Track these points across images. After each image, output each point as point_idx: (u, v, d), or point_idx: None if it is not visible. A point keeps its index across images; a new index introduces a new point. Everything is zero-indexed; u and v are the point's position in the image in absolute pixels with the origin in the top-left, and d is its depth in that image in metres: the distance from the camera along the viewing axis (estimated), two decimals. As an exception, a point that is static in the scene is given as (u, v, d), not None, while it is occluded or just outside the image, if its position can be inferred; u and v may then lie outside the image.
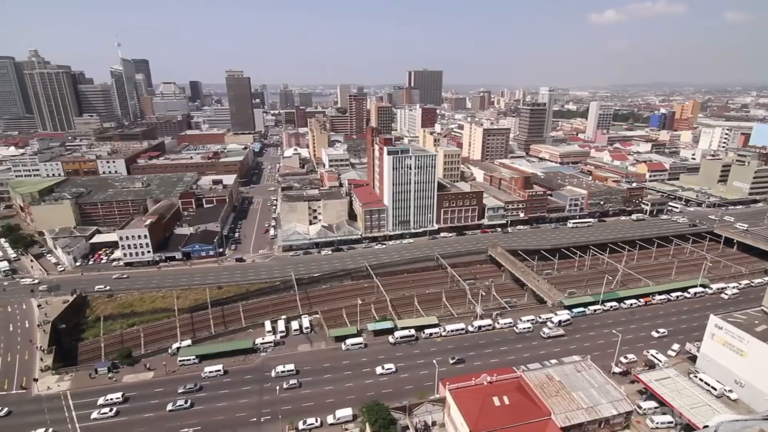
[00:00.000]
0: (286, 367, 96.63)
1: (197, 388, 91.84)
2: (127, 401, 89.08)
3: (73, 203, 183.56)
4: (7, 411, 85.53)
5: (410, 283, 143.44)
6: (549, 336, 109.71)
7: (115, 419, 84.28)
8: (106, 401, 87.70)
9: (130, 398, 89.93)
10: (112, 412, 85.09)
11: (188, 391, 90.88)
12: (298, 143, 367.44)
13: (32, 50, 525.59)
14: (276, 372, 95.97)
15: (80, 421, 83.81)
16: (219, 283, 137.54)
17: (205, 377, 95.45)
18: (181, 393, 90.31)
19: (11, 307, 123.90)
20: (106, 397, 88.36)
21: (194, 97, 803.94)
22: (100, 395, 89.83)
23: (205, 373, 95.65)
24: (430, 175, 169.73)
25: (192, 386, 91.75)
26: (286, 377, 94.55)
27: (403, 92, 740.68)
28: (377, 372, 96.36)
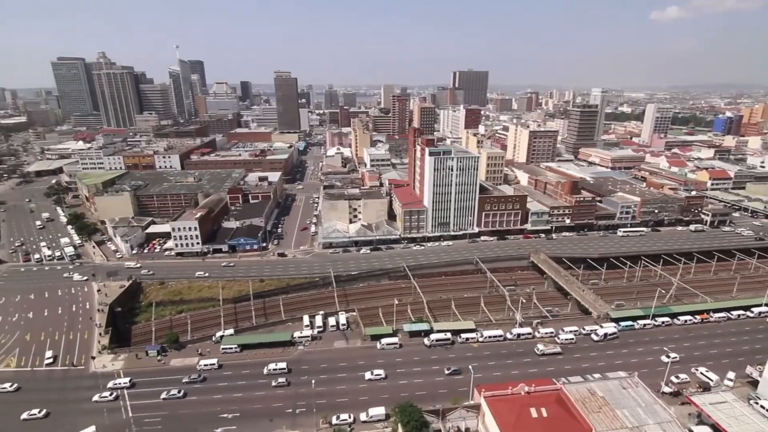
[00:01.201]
0: (278, 366, 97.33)
1: (201, 378, 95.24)
2: (132, 387, 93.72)
3: (131, 195, 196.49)
4: (65, 386, 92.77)
5: (448, 286, 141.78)
6: (543, 353, 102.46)
7: (158, 400, 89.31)
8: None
9: (177, 381, 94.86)
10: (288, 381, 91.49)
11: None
12: (341, 143, 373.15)
13: (100, 52, 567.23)
14: (268, 369, 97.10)
15: (130, 399, 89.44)
16: (261, 276, 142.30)
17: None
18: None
19: (75, 289, 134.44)
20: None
21: (244, 96, 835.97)
22: (149, 376, 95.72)
23: (201, 366, 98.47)
24: (472, 177, 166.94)
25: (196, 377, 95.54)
26: (275, 375, 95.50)
27: (447, 93, 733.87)
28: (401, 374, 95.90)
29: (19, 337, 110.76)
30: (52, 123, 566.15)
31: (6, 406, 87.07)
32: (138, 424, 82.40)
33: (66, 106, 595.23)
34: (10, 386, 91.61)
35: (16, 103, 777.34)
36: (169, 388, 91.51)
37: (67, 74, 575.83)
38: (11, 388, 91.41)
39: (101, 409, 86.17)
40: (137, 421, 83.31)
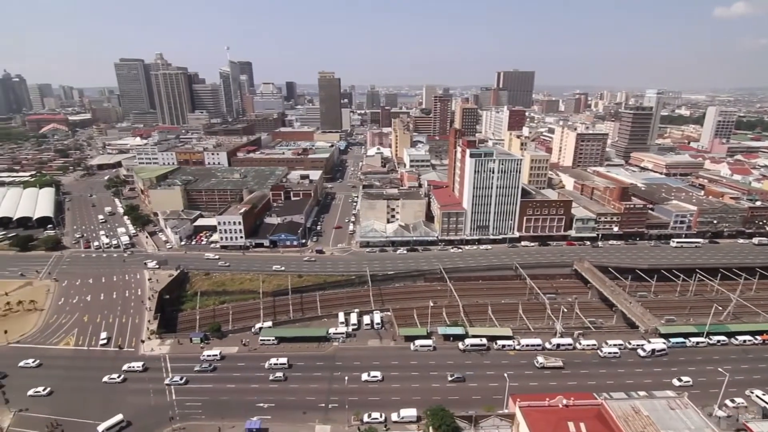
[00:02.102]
0: (279, 360, 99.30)
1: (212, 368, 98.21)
2: (215, 370, 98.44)
3: (182, 189, 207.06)
4: (115, 365, 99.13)
5: (485, 291, 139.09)
6: (543, 366, 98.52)
7: (202, 385, 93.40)
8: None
9: (217, 368, 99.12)
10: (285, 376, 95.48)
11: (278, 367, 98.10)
12: (381, 143, 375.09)
13: (158, 54, 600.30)
14: (269, 364, 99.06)
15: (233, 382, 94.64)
16: (300, 271, 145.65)
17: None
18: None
19: (128, 276, 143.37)
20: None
21: (289, 96, 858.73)
22: (192, 362, 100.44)
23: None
24: (514, 180, 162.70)
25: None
26: (276, 369, 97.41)
27: (491, 93, 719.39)
28: (448, 378, 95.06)
29: (78, 318, 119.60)
30: (114, 120, 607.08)
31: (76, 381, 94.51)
32: (180, 407, 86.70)
33: (126, 104, 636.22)
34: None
35: (83, 101, 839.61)
36: (173, 375, 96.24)
37: (128, 74, 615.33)
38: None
39: (147, 390, 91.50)
40: (180, 404, 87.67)
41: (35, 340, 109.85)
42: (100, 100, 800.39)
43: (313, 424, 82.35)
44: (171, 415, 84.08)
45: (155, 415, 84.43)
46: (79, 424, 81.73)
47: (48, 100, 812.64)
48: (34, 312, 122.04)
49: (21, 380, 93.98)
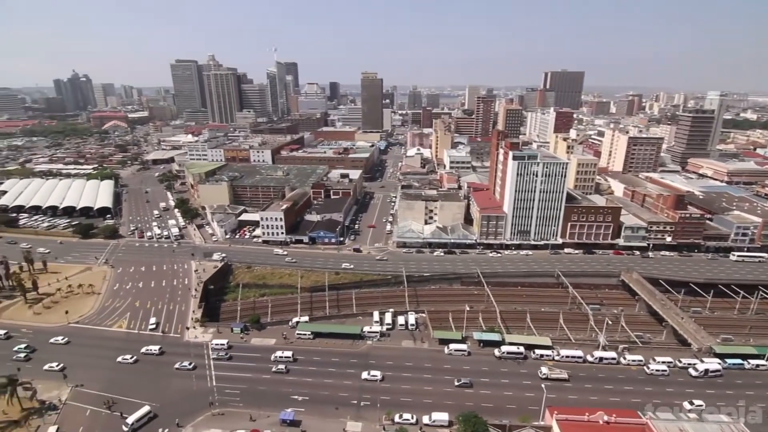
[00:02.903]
0: (284, 354, 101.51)
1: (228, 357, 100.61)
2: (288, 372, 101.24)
3: (228, 185, 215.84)
4: (159, 350, 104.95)
5: (524, 298, 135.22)
6: (547, 377, 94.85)
7: (240, 374, 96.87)
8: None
9: (255, 359, 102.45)
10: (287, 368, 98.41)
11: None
12: (421, 143, 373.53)
13: (210, 55, 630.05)
14: (275, 356, 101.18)
15: (216, 370, 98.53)
16: (337, 269, 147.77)
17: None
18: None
19: (177, 265, 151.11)
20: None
21: (332, 96, 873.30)
22: (232, 351, 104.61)
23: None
24: (559, 184, 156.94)
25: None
26: (281, 362, 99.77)
27: (537, 94, 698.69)
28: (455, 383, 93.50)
29: (131, 303, 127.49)
30: (168, 118, 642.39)
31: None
32: (220, 393, 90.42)
33: (180, 103, 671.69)
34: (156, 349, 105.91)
35: (141, 100, 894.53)
36: (181, 360, 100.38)
37: (182, 75, 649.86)
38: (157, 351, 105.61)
39: (190, 375, 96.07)
40: (219, 390, 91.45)
41: (92, 321, 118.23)
42: (156, 99, 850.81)
43: (344, 420, 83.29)
44: (211, 400, 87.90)
45: (196, 399, 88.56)
46: (128, 402, 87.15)
47: (110, 99, 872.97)
48: (92, 295, 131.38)
49: (71, 357, 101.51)
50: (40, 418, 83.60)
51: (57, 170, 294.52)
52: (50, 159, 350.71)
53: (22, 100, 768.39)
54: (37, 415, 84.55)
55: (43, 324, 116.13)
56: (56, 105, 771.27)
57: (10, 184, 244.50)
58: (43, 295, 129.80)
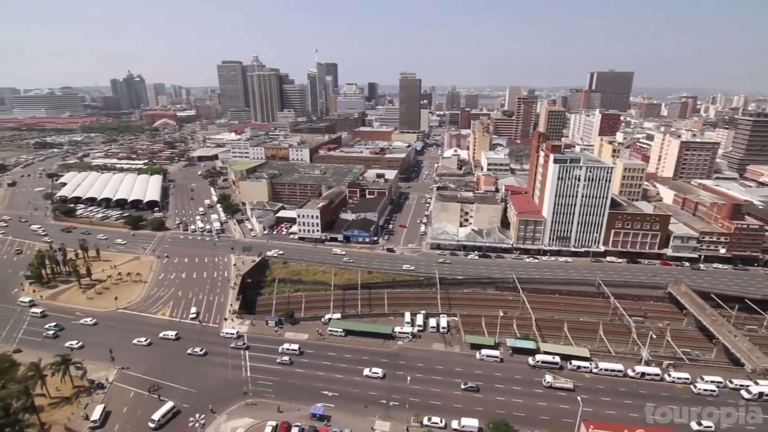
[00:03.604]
0: (291, 346, 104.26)
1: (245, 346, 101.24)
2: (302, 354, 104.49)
3: (268, 182, 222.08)
4: (201, 339, 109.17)
5: (561, 306, 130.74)
6: (551, 385, 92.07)
7: (273, 366, 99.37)
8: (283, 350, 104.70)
9: (270, 350, 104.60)
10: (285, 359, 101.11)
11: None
12: (458, 144, 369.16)
13: (254, 56, 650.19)
14: (282, 348, 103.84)
15: (251, 361, 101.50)
16: (370, 268, 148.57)
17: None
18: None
19: (217, 258, 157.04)
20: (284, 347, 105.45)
21: (370, 96, 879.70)
22: (267, 343, 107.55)
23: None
24: (603, 189, 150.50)
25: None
26: (286, 353, 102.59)
27: (581, 95, 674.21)
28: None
29: (174, 292, 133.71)
30: (213, 116, 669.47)
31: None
32: (254, 384, 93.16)
33: (225, 102, 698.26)
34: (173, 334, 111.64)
35: (189, 99, 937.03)
36: (193, 347, 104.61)
37: (227, 75, 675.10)
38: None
39: (227, 364, 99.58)
40: (253, 381, 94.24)
41: (138, 308, 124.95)
42: (203, 99, 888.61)
43: (373, 419, 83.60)
44: (245, 390, 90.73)
45: (232, 388, 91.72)
46: (169, 387, 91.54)
47: (161, 98, 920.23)
48: (139, 283, 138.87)
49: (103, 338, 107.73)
50: (89, 397, 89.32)
51: (111, 164, 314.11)
52: (106, 154, 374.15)
53: (82, 99, 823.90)
54: (86, 393, 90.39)
55: (94, 308, 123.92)
56: (112, 103, 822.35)
57: (70, 176, 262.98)
58: (96, 282, 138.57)
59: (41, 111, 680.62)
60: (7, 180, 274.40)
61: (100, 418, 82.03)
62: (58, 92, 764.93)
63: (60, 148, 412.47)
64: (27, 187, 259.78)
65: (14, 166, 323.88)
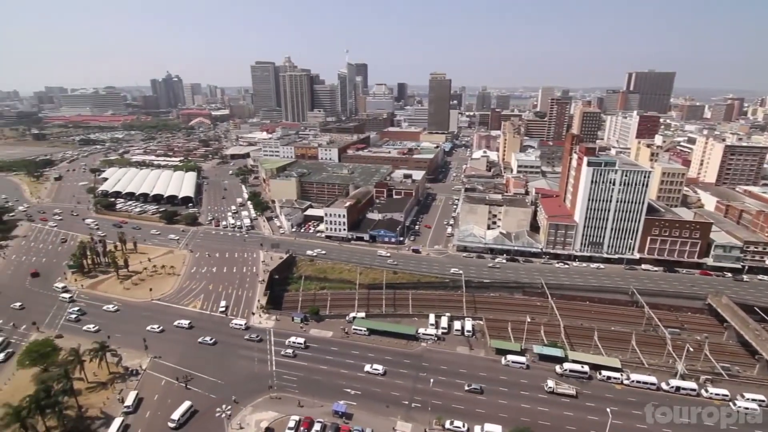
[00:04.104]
0: (297, 339, 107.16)
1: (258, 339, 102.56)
2: (307, 348, 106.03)
3: (297, 181, 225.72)
4: (231, 331, 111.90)
5: (592, 314, 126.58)
6: (553, 391, 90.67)
7: (293, 361, 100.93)
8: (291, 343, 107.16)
9: (310, 347, 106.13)
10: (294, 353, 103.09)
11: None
12: (488, 146, 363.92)
13: (286, 57, 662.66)
14: (288, 341, 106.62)
15: (275, 356, 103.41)
16: (395, 268, 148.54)
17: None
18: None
19: (246, 254, 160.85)
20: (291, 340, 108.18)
21: (400, 97, 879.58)
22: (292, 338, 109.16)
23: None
24: (639, 194, 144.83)
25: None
26: (291, 347, 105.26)
27: (618, 96, 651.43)
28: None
29: (205, 285, 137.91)
30: (246, 116, 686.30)
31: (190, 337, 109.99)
32: (279, 378, 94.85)
33: (257, 102, 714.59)
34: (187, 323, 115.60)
35: (223, 99, 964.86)
36: (204, 335, 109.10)
37: (260, 76, 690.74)
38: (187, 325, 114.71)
39: (253, 357, 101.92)
40: (278, 375, 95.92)
41: (171, 299, 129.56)
42: (237, 98, 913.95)
43: (395, 419, 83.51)
44: (270, 383, 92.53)
45: (257, 381, 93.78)
46: (198, 378, 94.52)
47: (197, 98, 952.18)
48: (172, 276, 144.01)
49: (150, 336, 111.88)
50: (123, 383, 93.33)
51: (149, 161, 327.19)
52: (144, 151, 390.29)
53: (123, 98, 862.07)
54: (121, 379, 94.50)
55: (130, 298, 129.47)
56: (151, 102, 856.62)
57: (111, 172, 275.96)
58: (132, 273, 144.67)
59: (86, 109, 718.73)
60: (54, 174, 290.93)
61: (133, 403, 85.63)
62: (102, 92, 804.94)
63: (102, 145, 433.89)
64: (72, 182, 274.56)
65: (60, 161, 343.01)
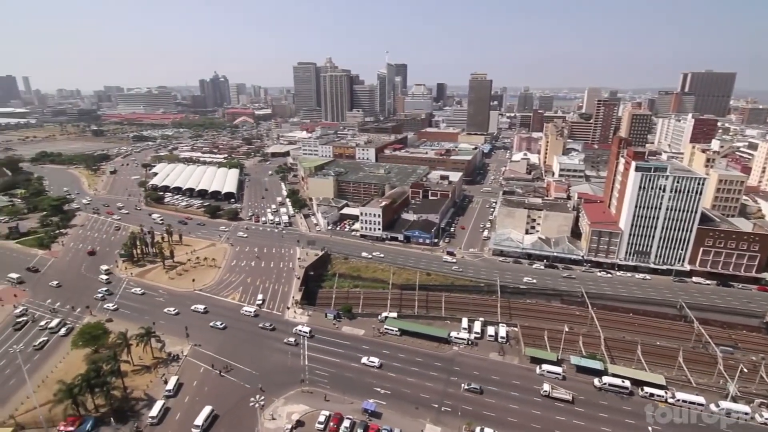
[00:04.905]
0: (303, 328, 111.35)
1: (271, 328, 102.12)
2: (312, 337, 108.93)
3: (334, 180, 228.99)
4: (271, 326, 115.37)
5: (635, 327, 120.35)
6: (549, 395, 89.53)
7: (325, 357, 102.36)
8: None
9: (345, 346, 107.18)
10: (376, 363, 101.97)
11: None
12: (528, 148, 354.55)
13: (328, 57, 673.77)
14: (296, 329, 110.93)
15: (309, 350, 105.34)
16: (428, 270, 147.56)
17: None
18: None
19: (284, 250, 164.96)
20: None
21: (438, 97, 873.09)
22: (325, 335, 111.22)
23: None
24: (692, 202, 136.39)
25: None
26: (299, 335, 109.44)
27: (672, 98, 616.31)
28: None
29: (243, 278, 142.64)
30: (287, 115, 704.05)
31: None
32: (311, 372, 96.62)
33: (298, 102, 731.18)
34: (253, 313, 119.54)
35: (266, 99, 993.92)
36: (215, 321, 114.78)
37: (302, 76, 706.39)
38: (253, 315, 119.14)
39: (287, 350, 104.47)
40: (311, 370, 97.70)
41: (212, 290, 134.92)
42: (279, 98, 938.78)
43: (424, 422, 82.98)
44: (302, 377, 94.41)
45: (290, 374, 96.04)
46: (235, 368, 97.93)
47: (242, 97, 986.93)
48: (214, 268, 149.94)
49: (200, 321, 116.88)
50: (165, 368, 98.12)
51: (196, 158, 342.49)
52: (191, 148, 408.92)
53: (174, 97, 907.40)
54: (164, 364, 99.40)
55: (174, 288, 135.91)
56: (199, 102, 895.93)
57: (161, 167, 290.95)
58: (177, 264, 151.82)
59: (140, 107, 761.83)
60: (110, 168, 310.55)
61: (173, 387, 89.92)
62: (155, 91, 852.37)
63: (153, 141, 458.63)
64: (125, 175, 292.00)
65: (116, 156, 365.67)
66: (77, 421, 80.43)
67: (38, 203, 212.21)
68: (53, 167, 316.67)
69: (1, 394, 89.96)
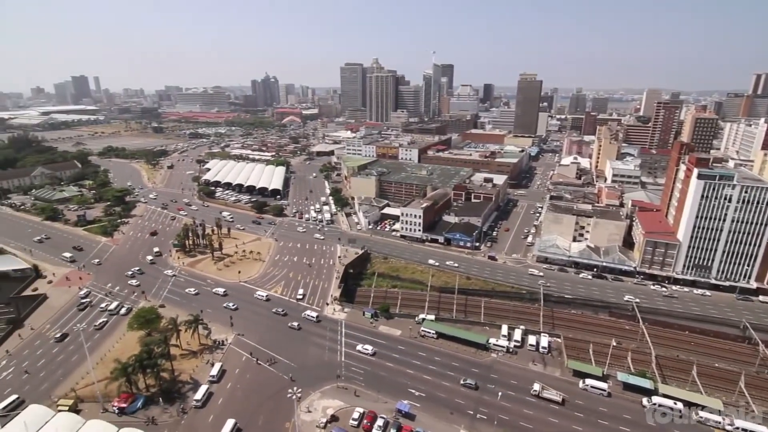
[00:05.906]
0: (311, 313, 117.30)
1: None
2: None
3: (376, 179, 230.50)
4: (316, 318, 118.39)
5: (691, 346, 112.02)
6: (539, 395, 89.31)
7: (361, 354, 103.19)
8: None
9: (379, 345, 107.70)
10: (369, 351, 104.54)
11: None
12: (579, 152, 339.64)
13: (374, 58, 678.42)
14: (304, 314, 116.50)
15: (345, 347, 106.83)
16: (468, 273, 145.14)
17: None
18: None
19: (325, 247, 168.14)
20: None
21: (485, 98, 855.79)
22: (362, 333, 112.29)
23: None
24: (762, 214, 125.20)
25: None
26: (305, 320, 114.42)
27: (742, 101, 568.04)
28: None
29: (286, 272, 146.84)
30: (333, 115, 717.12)
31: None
32: (347, 369, 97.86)
33: (344, 102, 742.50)
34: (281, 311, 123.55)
35: (314, 99, 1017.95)
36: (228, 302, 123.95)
37: (349, 77, 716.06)
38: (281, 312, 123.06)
39: (325, 345, 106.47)
40: (346, 366, 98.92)
41: (256, 282, 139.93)
42: (325, 98, 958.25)
43: (458, 427, 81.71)
44: (338, 373, 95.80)
45: (327, 369, 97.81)
46: (273, 357, 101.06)
47: (290, 97, 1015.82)
48: (258, 261, 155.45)
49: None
50: (210, 354, 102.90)
51: (246, 155, 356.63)
52: (242, 145, 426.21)
53: (227, 97, 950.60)
54: (209, 351, 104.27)
55: (221, 279, 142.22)
56: (251, 101, 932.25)
57: (213, 163, 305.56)
58: (225, 255, 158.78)
59: (196, 106, 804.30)
60: (168, 163, 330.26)
61: (217, 374, 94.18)
62: (210, 91, 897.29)
63: (207, 139, 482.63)
64: (181, 170, 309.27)
65: (173, 152, 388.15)
66: (130, 398, 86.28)
67: (103, 194, 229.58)
68: (118, 161, 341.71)
69: (66, 369, 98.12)
